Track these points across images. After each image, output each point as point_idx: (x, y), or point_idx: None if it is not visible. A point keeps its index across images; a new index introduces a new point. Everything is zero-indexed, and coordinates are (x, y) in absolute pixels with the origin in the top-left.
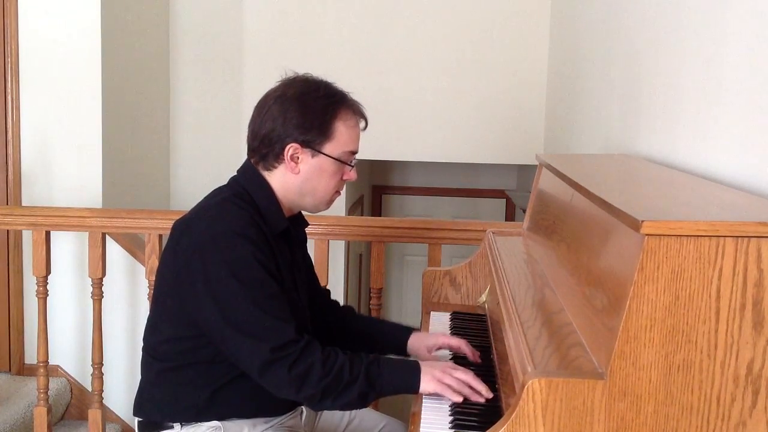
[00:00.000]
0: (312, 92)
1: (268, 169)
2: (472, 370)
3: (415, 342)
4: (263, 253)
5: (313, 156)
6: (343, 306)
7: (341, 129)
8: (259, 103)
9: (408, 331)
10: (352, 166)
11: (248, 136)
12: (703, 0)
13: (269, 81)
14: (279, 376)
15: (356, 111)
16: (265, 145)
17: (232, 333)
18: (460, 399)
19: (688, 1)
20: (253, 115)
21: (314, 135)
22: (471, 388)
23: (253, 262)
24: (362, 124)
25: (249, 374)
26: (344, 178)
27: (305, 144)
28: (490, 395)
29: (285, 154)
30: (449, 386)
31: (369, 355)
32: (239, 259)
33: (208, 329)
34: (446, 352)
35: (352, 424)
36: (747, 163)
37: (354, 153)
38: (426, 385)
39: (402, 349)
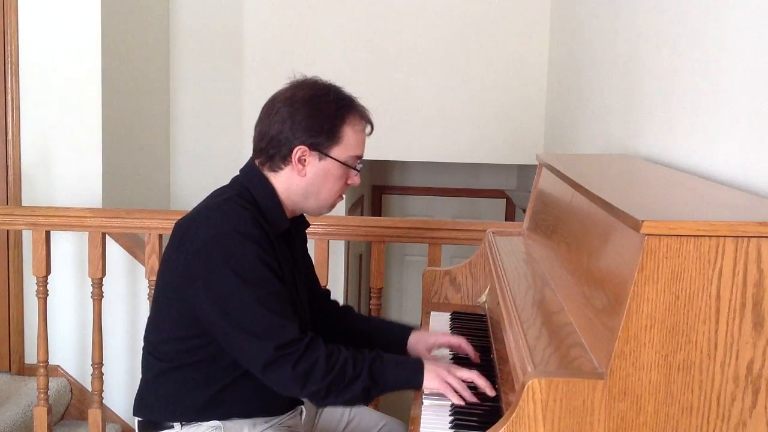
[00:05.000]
0: (322, 96)
1: (273, 171)
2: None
3: (414, 341)
4: (266, 252)
5: (320, 159)
6: (342, 306)
7: (349, 133)
8: (266, 104)
9: (407, 329)
10: (358, 171)
11: (255, 137)
12: (703, 0)
13: (269, 81)
14: (283, 374)
15: (363, 116)
16: (272, 147)
17: (235, 332)
18: (461, 402)
19: (688, 1)
20: (260, 116)
21: (323, 138)
22: (474, 386)
23: (256, 261)
24: (368, 129)
25: (253, 372)
26: (348, 182)
27: (313, 147)
28: (493, 393)
29: (292, 157)
30: (451, 386)
31: (372, 351)
32: (243, 258)
33: (210, 328)
34: (446, 351)
35: (351, 424)
36: (747, 163)
37: (360, 157)
38: (430, 381)
39: (402, 348)
